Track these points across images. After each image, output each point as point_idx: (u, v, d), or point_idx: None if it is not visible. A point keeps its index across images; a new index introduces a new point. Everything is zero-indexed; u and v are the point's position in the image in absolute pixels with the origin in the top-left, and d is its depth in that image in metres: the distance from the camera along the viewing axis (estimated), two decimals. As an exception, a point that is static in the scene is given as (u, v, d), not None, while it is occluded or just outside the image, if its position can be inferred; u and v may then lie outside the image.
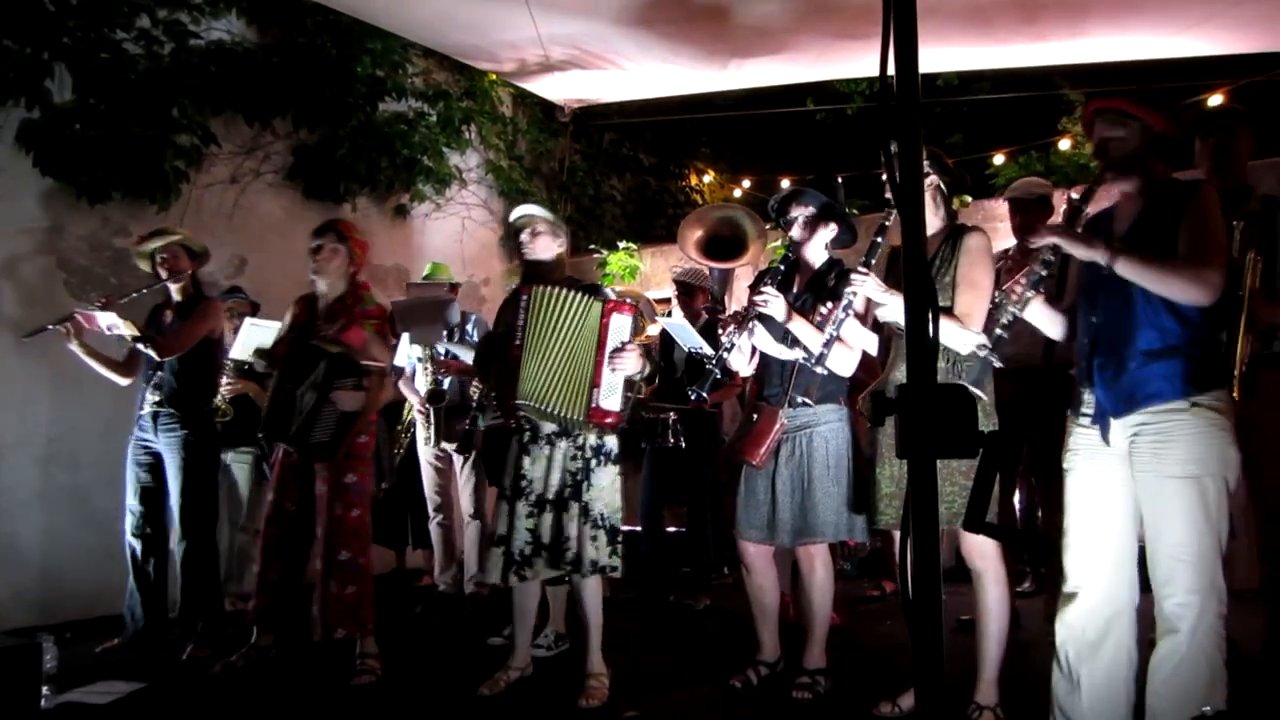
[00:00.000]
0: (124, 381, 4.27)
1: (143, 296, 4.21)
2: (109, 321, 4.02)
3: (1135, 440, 2.36)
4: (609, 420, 3.26)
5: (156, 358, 4.04)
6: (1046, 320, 2.58)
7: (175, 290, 4.21)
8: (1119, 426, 2.38)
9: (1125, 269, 2.27)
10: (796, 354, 3.16)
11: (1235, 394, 2.55)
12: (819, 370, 3.07)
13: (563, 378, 3.25)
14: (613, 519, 3.34)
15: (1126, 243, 2.36)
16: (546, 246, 3.48)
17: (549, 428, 3.35)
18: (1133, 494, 2.39)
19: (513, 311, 3.36)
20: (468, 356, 4.62)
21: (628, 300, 3.40)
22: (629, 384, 3.33)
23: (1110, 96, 2.47)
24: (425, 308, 4.48)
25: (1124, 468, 2.39)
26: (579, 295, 3.31)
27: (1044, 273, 2.43)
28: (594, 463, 3.34)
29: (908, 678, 3.04)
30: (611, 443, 3.40)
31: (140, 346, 4.05)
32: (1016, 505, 4.50)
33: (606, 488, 3.35)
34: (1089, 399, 2.46)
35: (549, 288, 3.32)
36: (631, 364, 3.26)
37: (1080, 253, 2.32)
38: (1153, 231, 2.36)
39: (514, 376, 3.27)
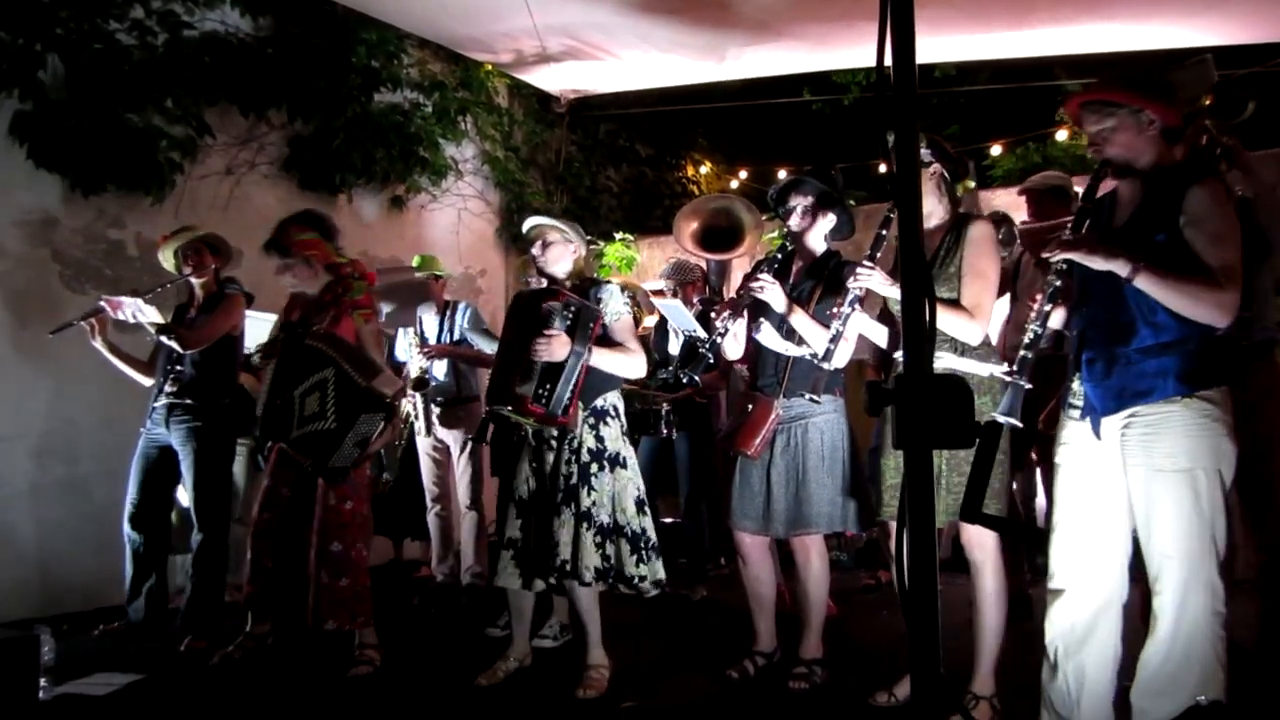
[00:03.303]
0: (148, 381, 4.24)
1: (167, 292, 4.22)
2: (135, 307, 3.98)
3: (1126, 433, 2.32)
4: (533, 409, 3.14)
5: (180, 350, 4.02)
6: (1058, 322, 2.54)
7: (198, 287, 4.22)
8: (1108, 421, 2.34)
9: (1145, 283, 2.16)
10: (803, 351, 3.14)
11: None
12: (824, 366, 3.01)
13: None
14: (631, 524, 3.24)
15: (1127, 234, 2.29)
16: (559, 257, 3.37)
17: (549, 430, 3.30)
18: (1124, 487, 2.34)
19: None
20: (489, 346, 4.69)
21: (563, 288, 3.28)
22: (552, 373, 3.14)
23: (1094, 86, 2.36)
24: (394, 291, 4.60)
25: (1116, 460, 2.34)
26: (531, 296, 3.30)
27: (1058, 283, 2.35)
28: (593, 466, 3.25)
29: (904, 668, 3.04)
30: (613, 446, 3.30)
31: (163, 338, 4.03)
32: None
33: (612, 493, 3.26)
34: (1078, 390, 2.42)
35: (520, 293, 3.38)
36: (545, 350, 3.11)
37: (1099, 265, 2.20)
38: (1153, 223, 2.27)
39: (495, 383, 3.31)
